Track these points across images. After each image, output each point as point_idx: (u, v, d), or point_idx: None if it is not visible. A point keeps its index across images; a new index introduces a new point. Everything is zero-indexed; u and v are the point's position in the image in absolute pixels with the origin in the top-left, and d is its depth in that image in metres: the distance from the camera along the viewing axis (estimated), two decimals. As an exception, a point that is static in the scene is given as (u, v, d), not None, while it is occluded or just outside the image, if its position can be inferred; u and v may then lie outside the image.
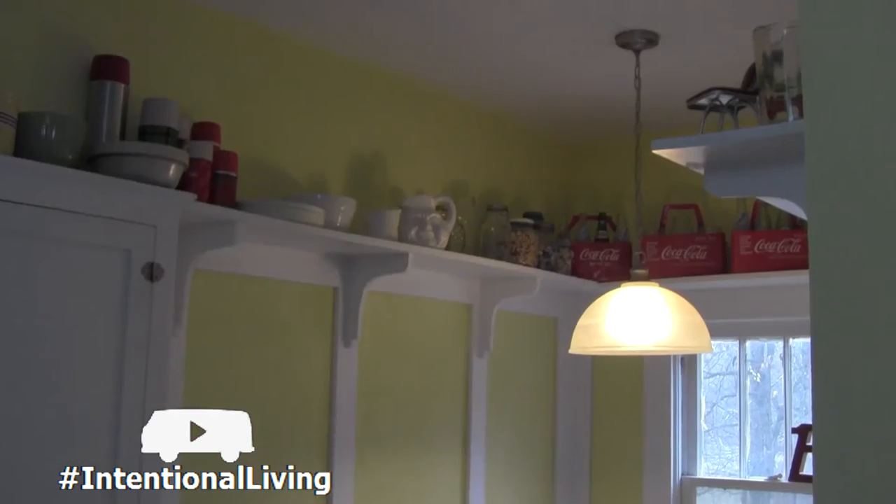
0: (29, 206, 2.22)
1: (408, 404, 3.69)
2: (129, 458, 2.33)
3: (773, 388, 4.39)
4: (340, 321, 3.40)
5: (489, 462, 4.00)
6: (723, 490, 4.39)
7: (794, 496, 4.30)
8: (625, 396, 4.39)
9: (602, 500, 4.40)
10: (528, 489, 4.24)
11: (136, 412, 2.38)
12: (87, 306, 2.34)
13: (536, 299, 4.18)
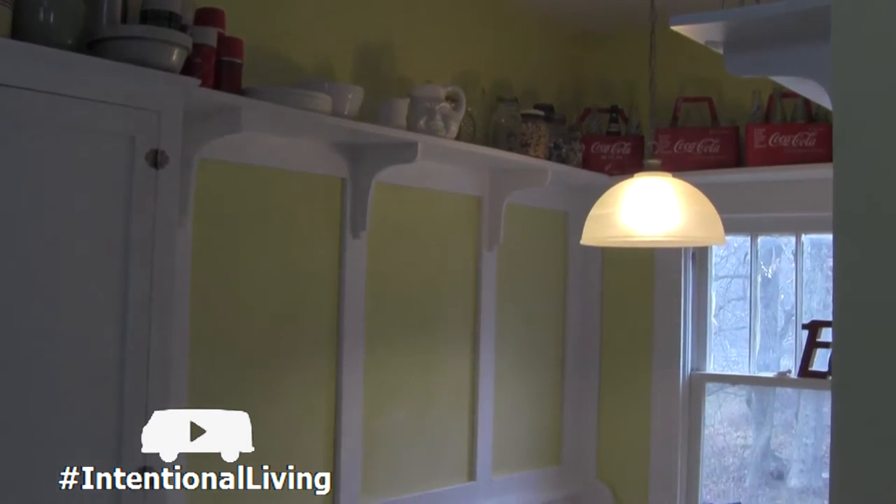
0: (28, 92, 2.17)
1: (417, 297, 3.67)
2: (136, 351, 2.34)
3: (781, 292, 4.38)
4: (349, 213, 3.37)
5: (498, 356, 4.00)
6: (728, 392, 4.40)
7: (799, 395, 4.32)
8: (635, 292, 4.37)
9: (611, 394, 4.42)
10: (537, 383, 4.26)
11: (143, 302, 2.37)
12: (90, 194, 2.30)
13: (546, 193, 4.13)
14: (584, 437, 4.42)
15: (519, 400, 4.15)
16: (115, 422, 2.31)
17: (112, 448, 2.30)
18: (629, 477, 4.35)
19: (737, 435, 4.48)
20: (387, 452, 3.54)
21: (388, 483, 3.54)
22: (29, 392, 2.16)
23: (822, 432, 4.28)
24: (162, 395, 2.40)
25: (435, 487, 3.71)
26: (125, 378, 2.33)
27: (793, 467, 4.33)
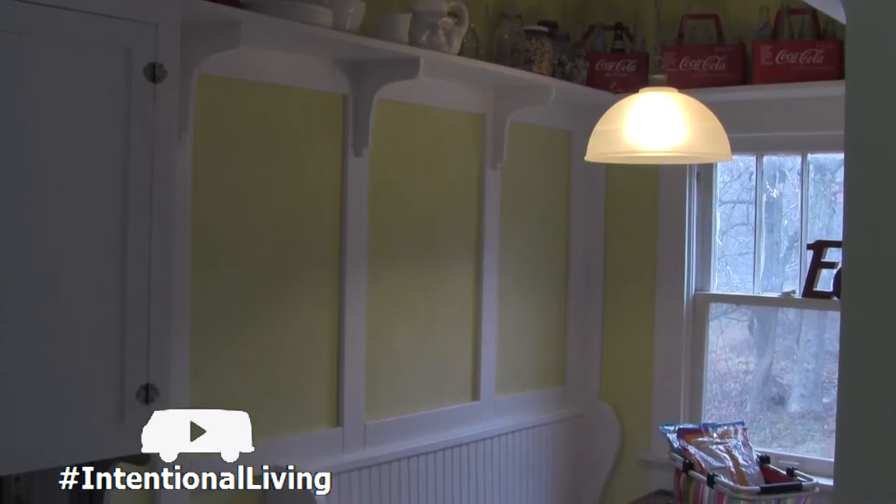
0: (23, 3, 2.11)
1: (420, 215, 3.65)
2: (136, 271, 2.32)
3: (784, 218, 4.36)
4: (350, 130, 3.32)
5: (502, 275, 3.99)
6: (730, 318, 4.40)
7: (801, 321, 4.32)
8: (639, 212, 4.34)
9: (615, 314, 4.42)
10: (541, 303, 4.25)
11: (143, 219, 2.34)
12: (87, 110, 2.25)
13: (550, 111, 4.08)
14: (588, 358, 4.42)
15: (522, 320, 4.14)
16: (117, 343, 2.30)
17: (115, 369, 2.29)
18: (632, 397, 4.36)
19: (738, 360, 4.48)
20: (390, 371, 3.54)
21: (392, 402, 3.55)
22: (28, 315, 2.15)
23: (823, 358, 4.28)
24: (163, 315, 2.38)
25: (438, 407, 3.73)
26: (126, 299, 2.31)
27: (793, 392, 4.35)
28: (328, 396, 3.32)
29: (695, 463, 3.51)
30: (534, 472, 4.13)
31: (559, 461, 4.27)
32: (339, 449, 3.32)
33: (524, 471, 4.07)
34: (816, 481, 3.35)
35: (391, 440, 3.50)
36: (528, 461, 4.09)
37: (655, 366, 4.30)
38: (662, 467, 4.15)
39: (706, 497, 3.39)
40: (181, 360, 2.84)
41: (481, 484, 3.84)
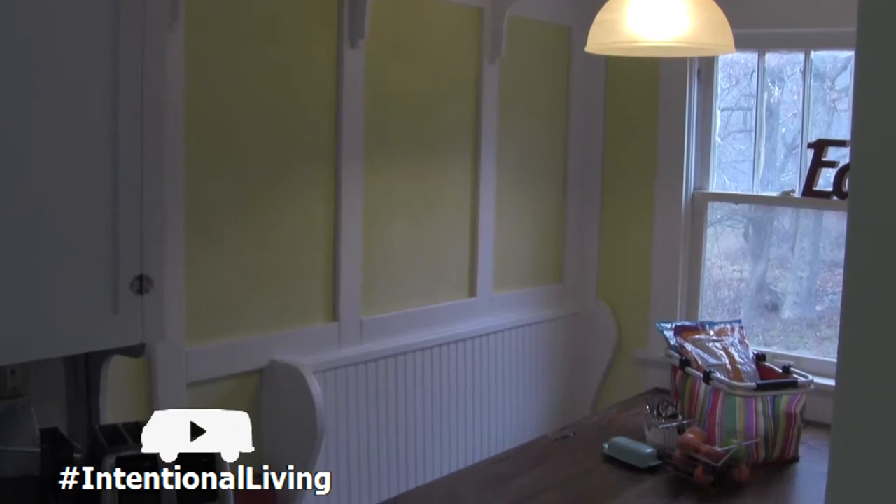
0: None
1: (417, 109, 3.59)
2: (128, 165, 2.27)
3: (782, 126, 4.31)
4: (346, 20, 3.25)
5: (500, 171, 3.95)
6: (725, 226, 4.38)
7: (796, 229, 4.29)
8: (639, 107, 4.28)
9: (613, 212, 4.39)
10: (538, 200, 4.22)
11: (134, 111, 2.28)
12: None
13: (550, 5, 4.00)
14: (586, 256, 4.41)
15: (520, 217, 4.12)
16: (110, 234, 2.27)
17: (108, 260, 2.27)
18: (630, 296, 4.36)
19: (733, 269, 4.48)
20: (387, 267, 3.53)
21: (389, 298, 3.54)
22: (20, 207, 2.11)
23: (817, 266, 4.28)
24: (156, 206, 2.35)
25: (435, 303, 3.72)
26: (118, 191, 2.27)
27: (787, 300, 4.35)
28: (324, 291, 3.31)
29: (691, 360, 3.51)
30: (530, 371, 4.14)
31: (556, 359, 4.29)
32: (336, 344, 3.32)
33: (520, 368, 4.09)
34: (812, 379, 3.35)
35: (387, 336, 3.50)
36: (524, 359, 4.10)
37: (653, 264, 4.29)
38: (658, 365, 4.17)
39: (702, 393, 3.40)
40: (176, 251, 2.82)
41: (477, 380, 3.85)
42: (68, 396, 2.65)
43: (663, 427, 3.31)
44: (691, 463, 3.09)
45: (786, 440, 3.31)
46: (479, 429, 3.87)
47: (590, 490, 3.02)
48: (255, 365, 3.10)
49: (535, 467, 3.21)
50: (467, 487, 3.03)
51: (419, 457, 3.60)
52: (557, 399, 4.31)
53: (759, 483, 3.12)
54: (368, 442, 3.39)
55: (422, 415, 3.60)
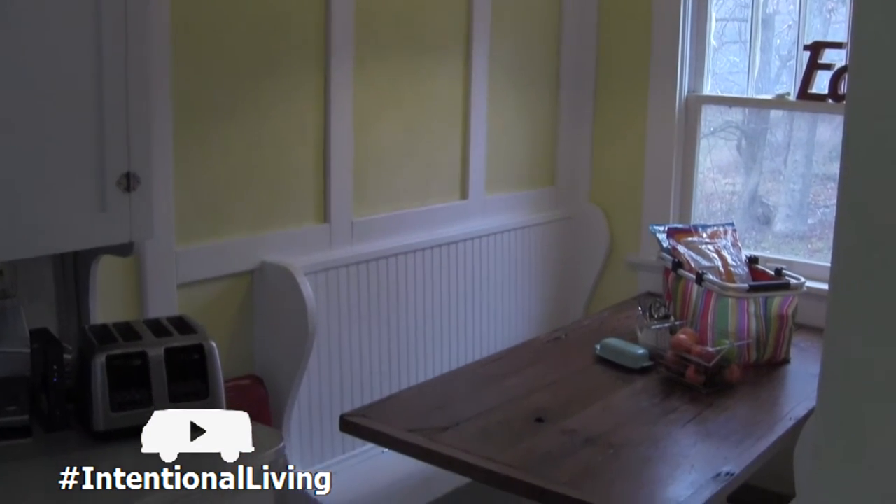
0: None
1: (408, 7, 3.51)
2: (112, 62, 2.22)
3: (777, 37, 4.24)
4: (335, -87, 3.16)
5: (492, 72, 3.88)
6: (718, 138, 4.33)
7: (790, 141, 4.25)
8: (633, 7, 4.20)
9: (606, 116, 4.33)
10: (531, 102, 4.16)
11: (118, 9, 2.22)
12: None
13: None
14: (578, 159, 4.37)
15: (512, 119, 4.06)
16: (96, 131, 2.23)
17: (95, 158, 2.23)
18: (622, 200, 4.33)
19: (725, 182, 4.45)
20: (378, 167, 3.49)
21: (380, 199, 3.51)
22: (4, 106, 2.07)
23: (809, 179, 4.25)
24: (142, 103, 2.30)
25: (427, 205, 3.69)
26: (103, 88, 2.22)
27: (779, 212, 4.33)
28: (315, 191, 3.27)
29: (684, 262, 3.51)
30: (522, 274, 4.13)
31: (548, 263, 4.27)
32: (327, 245, 3.30)
33: (512, 272, 4.07)
34: (804, 281, 3.35)
35: (379, 237, 3.47)
36: (516, 262, 4.09)
37: (646, 168, 4.25)
38: (651, 269, 4.16)
39: (694, 295, 3.40)
40: (164, 151, 2.78)
41: (469, 283, 3.84)
42: (57, 297, 2.63)
43: (655, 328, 3.31)
44: (683, 363, 3.10)
45: (777, 342, 3.32)
46: (471, 331, 3.87)
47: (581, 390, 3.03)
48: (245, 266, 3.08)
49: (527, 368, 3.21)
50: (460, 387, 3.04)
51: (411, 358, 3.60)
52: (549, 302, 4.31)
53: (750, 384, 3.14)
54: (360, 343, 3.39)
55: (413, 316, 3.60)
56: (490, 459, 2.49)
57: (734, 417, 2.87)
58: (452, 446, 2.56)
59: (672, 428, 2.77)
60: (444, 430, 2.67)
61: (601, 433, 2.68)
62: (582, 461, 2.51)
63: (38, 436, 2.31)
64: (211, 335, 2.43)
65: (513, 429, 2.71)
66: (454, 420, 2.74)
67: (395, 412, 2.80)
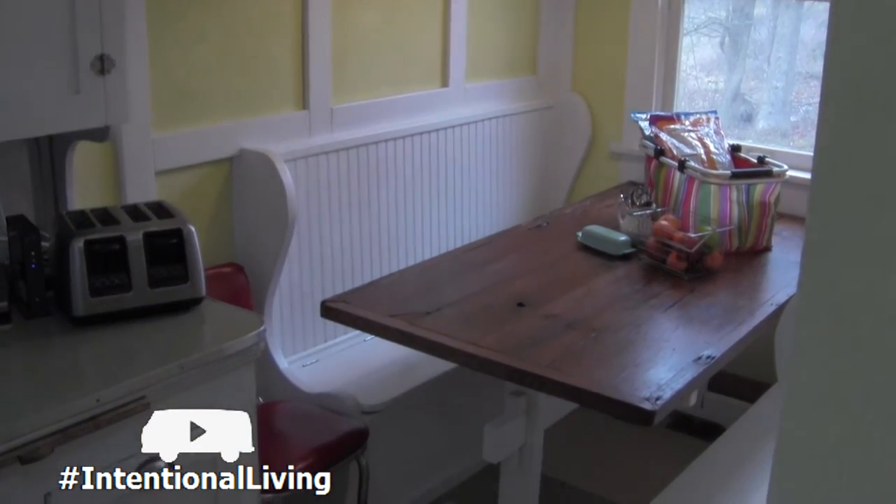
0: None
1: None
2: None
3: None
4: None
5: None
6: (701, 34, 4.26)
7: (776, 25, 4.18)
8: None
9: (589, 2, 4.26)
10: (511, 12, 4.07)
11: None
12: None
13: None
14: (560, 48, 4.30)
15: (493, 5, 3.98)
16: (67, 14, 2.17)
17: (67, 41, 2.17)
18: (605, 89, 4.28)
19: (708, 80, 4.39)
20: (357, 54, 3.42)
21: (359, 86, 3.45)
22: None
23: (793, 77, 4.20)
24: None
25: (407, 92, 3.63)
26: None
27: (762, 110, 4.29)
28: (293, 77, 3.21)
29: (666, 149, 3.48)
30: (503, 163, 4.10)
31: (529, 152, 4.24)
32: (306, 132, 3.25)
33: (494, 160, 4.04)
34: (787, 168, 3.34)
35: (358, 125, 3.42)
36: (497, 151, 4.05)
37: (629, 58, 4.19)
38: (633, 159, 4.14)
39: (676, 182, 3.39)
40: (137, 34, 2.71)
41: (451, 171, 3.81)
42: (34, 184, 2.59)
43: (637, 215, 3.30)
44: (665, 250, 3.10)
45: (759, 229, 3.32)
46: (452, 219, 3.86)
47: (563, 276, 3.03)
48: (224, 153, 3.04)
49: (508, 255, 3.21)
50: (441, 274, 3.03)
51: (392, 245, 3.59)
52: (531, 192, 4.29)
53: (731, 270, 3.15)
54: (341, 231, 3.37)
55: (395, 204, 3.57)
56: (472, 343, 2.50)
57: (716, 303, 2.88)
58: (434, 330, 2.57)
59: (653, 313, 2.78)
60: (426, 314, 2.67)
61: (582, 318, 2.69)
62: (563, 345, 2.51)
63: (17, 323, 2.29)
64: (190, 220, 2.41)
65: (494, 313, 2.71)
66: (436, 305, 2.74)
67: (377, 298, 2.80)
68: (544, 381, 2.34)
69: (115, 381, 2.01)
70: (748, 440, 2.88)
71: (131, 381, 2.03)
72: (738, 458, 2.79)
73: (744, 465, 2.76)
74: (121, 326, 2.27)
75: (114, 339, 2.22)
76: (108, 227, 2.33)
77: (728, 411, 3.63)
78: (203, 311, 2.37)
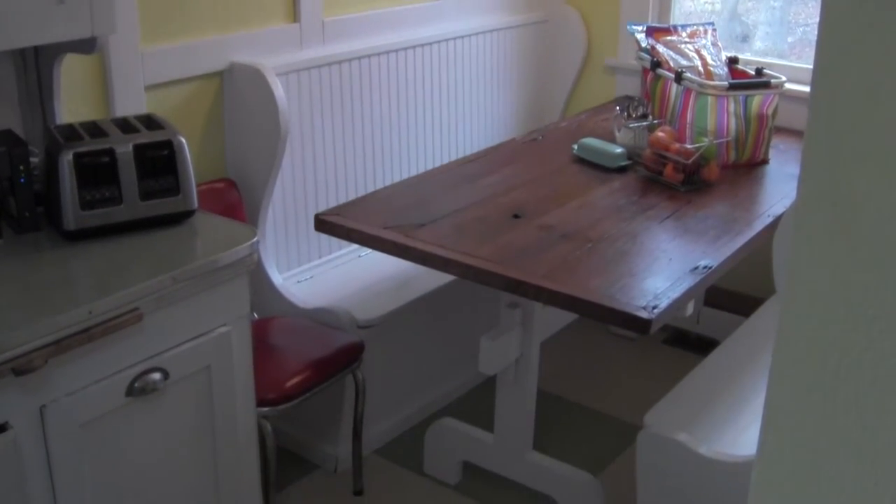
0: None
1: None
2: None
3: None
4: None
5: None
6: None
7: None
8: None
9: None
10: None
11: None
12: None
13: None
14: (555, -41, 4.23)
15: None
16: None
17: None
18: (600, 3, 4.21)
19: (704, 1, 4.30)
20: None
21: None
22: None
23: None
24: None
25: (399, 5, 3.56)
26: None
27: (758, 31, 4.21)
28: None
29: (662, 61, 3.43)
30: (497, 77, 4.05)
31: (523, 67, 4.18)
32: (297, 46, 3.20)
33: (487, 75, 3.99)
34: (785, 80, 3.29)
35: (351, 38, 3.36)
36: (491, 66, 3.99)
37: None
38: (629, 73, 4.10)
39: (673, 94, 3.34)
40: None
41: (444, 85, 3.76)
42: (20, 99, 2.54)
43: (633, 126, 3.27)
44: (661, 162, 3.07)
45: (756, 142, 3.29)
46: (446, 133, 3.82)
47: (558, 188, 3.01)
48: (214, 67, 2.99)
49: (503, 168, 3.18)
50: (435, 187, 3.00)
51: (386, 159, 3.56)
52: (526, 106, 4.24)
53: (728, 182, 3.12)
54: (334, 144, 3.33)
55: (388, 118, 3.53)
56: (467, 254, 2.48)
57: (712, 214, 2.86)
58: (429, 242, 2.55)
59: (650, 224, 2.76)
60: (421, 226, 2.65)
61: (578, 229, 2.67)
62: (559, 255, 2.50)
63: (8, 239, 2.27)
64: (181, 132, 2.37)
65: (489, 225, 2.69)
66: (430, 217, 2.72)
67: (370, 211, 2.77)
68: (541, 291, 2.33)
69: (107, 293, 2.00)
70: (744, 352, 2.88)
71: (123, 293, 2.02)
72: (733, 370, 2.80)
73: (740, 376, 2.76)
74: (112, 240, 2.25)
75: (105, 252, 2.20)
76: (97, 139, 2.29)
77: (724, 326, 3.63)
78: (195, 224, 2.35)
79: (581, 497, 2.87)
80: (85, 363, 1.98)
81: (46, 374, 1.91)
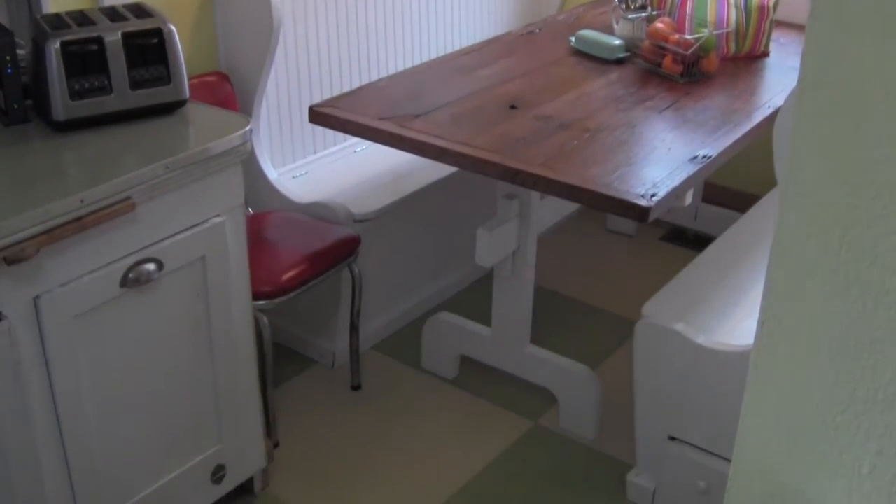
0: None
1: None
2: None
3: None
4: None
5: None
6: None
7: None
8: None
9: None
10: None
11: None
12: None
13: None
14: None
15: None
16: None
17: None
18: None
19: None
20: None
21: None
22: None
23: None
24: None
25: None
26: None
27: None
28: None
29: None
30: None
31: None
32: (289, -65, 3.12)
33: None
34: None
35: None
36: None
37: None
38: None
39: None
40: None
41: None
42: (5, -10, 2.49)
43: (632, 17, 3.21)
44: (660, 53, 3.02)
45: (756, 34, 3.23)
46: (441, 26, 3.74)
47: (556, 80, 2.96)
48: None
49: (500, 60, 3.13)
50: (431, 79, 2.95)
51: (381, 52, 3.49)
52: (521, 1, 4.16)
53: (728, 74, 3.08)
54: (328, 37, 3.26)
55: (383, 10, 3.45)
56: (463, 143, 2.45)
57: (711, 106, 2.82)
58: (424, 132, 2.51)
59: (648, 114, 2.72)
60: (416, 117, 2.61)
61: (576, 119, 2.64)
62: (557, 144, 2.47)
63: (-3, 130, 2.24)
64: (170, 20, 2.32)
65: (486, 115, 2.65)
66: (426, 108, 2.68)
67: (365, 102, 2.73)
68: (538, 180, 2.30)
69: (99, 182, 1.97)
70: (741, 245, 2.87)
71: (115, 182, 1.99)
72: (731, 263, 2.79)
73: (737, 269, 2.75)
74: (103, 130, 2.21)
75: (96, 142, 2.16)
76: (85, 28, 2.24)
77: (722, 223, 3.61)
78: (187, 114, 2.31)
79: (578, 389, 2.88)
80: (78, 253, 1.96)
81: (39, 265, 1.89)
